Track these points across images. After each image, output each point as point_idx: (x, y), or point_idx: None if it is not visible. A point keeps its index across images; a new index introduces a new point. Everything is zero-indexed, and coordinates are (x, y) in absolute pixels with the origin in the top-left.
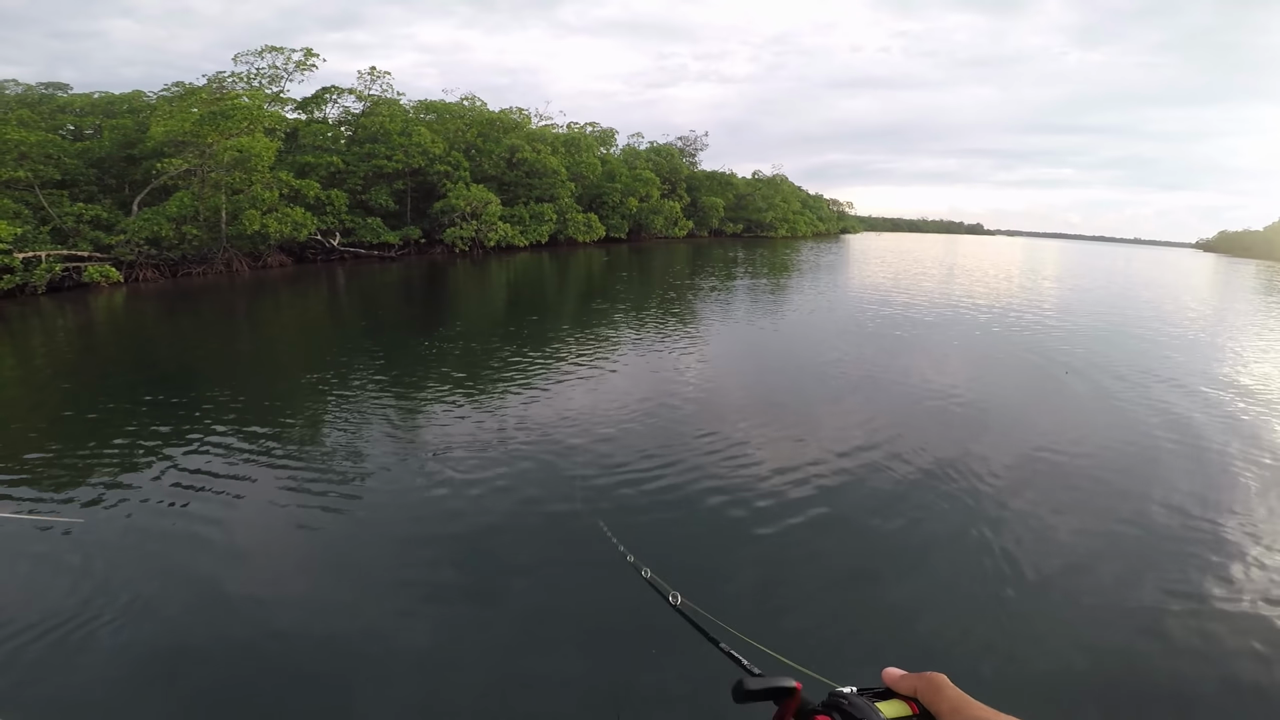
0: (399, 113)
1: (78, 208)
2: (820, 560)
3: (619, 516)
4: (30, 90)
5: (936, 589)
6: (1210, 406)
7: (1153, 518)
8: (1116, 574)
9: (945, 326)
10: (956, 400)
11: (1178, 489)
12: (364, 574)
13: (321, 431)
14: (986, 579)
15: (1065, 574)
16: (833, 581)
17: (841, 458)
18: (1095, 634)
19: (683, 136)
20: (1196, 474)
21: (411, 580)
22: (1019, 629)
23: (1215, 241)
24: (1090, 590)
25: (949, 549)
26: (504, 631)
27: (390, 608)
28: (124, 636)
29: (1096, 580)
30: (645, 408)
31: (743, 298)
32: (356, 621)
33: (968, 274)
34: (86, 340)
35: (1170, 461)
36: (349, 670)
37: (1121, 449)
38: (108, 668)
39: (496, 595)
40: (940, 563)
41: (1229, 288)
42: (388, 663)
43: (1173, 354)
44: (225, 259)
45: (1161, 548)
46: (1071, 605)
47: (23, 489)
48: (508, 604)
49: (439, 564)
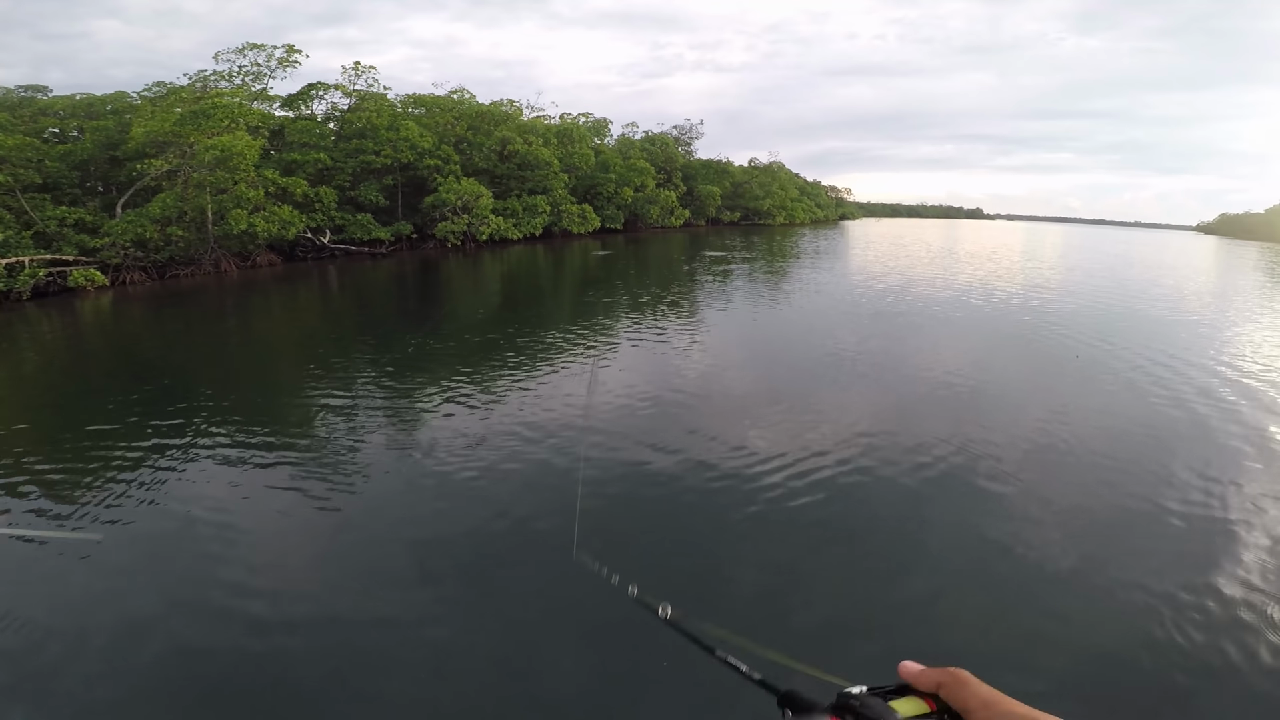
0: (386, 108)
1: (60, 211)
2: (828, 557)
3: (617, 514)
4: (9, 93)
5: (951, 584)
6: (1233, 392)
7: (1174, 507)
8: (1140, 566)
9: (949, 312)
10: (964, 388)
11: (1202, 480)
12: (364, 576)
13: (317, 433)
14: (1004, 573)
15: (1087, 567)
16: (842, 578)
17: (848, 451)
18: (1121, 629)
19: (678, 125)
20: (1221, 464)
21: (409, 582)
22: (1040, 625)
23: (1216, 224)
24: (1113, 584)
25: (963, 543)
26: (501, 633)
27: (392, 608)
28: (132, 641)
29: (1118, 574)
30: (644, 399)
31: (740, 285)
32: (357, 624)
33: (970, 259)
34: (76, 346)
35: (1193, 450)
36: (348, 673)
37: (1139, 435)
38: (115, 670)
39: (494, 596)
40: (954, 557)
41: (1236, 270)
42: (389, 663)
43: (1186, 337)
44: (213, 259)
45: (1184, 540)
46: (1094, 599)
47: (24, 500)
48: (505, 605)
49: (437, 565)
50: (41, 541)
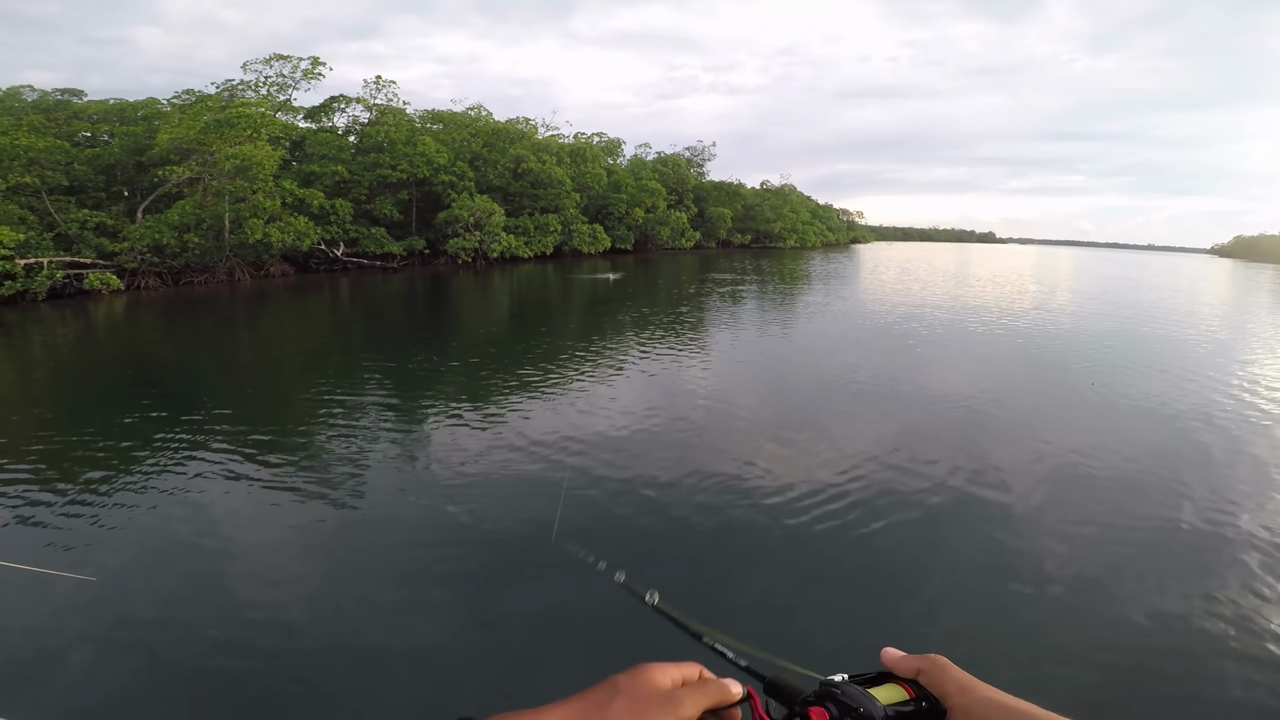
0: (404, 122)
1: (83, 214)
2: (831, 566)
3: (616, 524)
4: (45, 96)
5: (954, 595)
6: (1248, 419)
7: (1178, 527)
8: (1142, 583)
9: (961, 336)
10: (976, 410)
11: (1220, 509)
12: (367, 584)
13: (322, 444)
14: (1007, 587)
15: (1089, 584)
16: (843, 586)
17: (859, 472)
18: (1120, 643)
19: (690, 147)
20: (1241, 493)
21: (410, 590)
22: (1041, 637)
23: (1231, 246)
24: (1114, 600)
25: (967, 556)
26: (501, 638)
27: (393, 616)
28: (133, 646)
29: (1121, 590)
30: (648, 418)
31: (751, 308)
32: (360, 630)
33: (982, 282)
34: (87, 350)
35: (1212, 479)
36: (351, 676)
37: (1156, 463)
38: (115, 674)
39: (491, 603)
40: (959, 569)
41: (1253, 293)
42: (393, 667)
43: (1208, 363)
44: (228, 268)
45: (1187, 557)
46: (1095, 614)
47: (24, 499)
48: (502, 610)
49: (438, 572)
50: (47, 543)
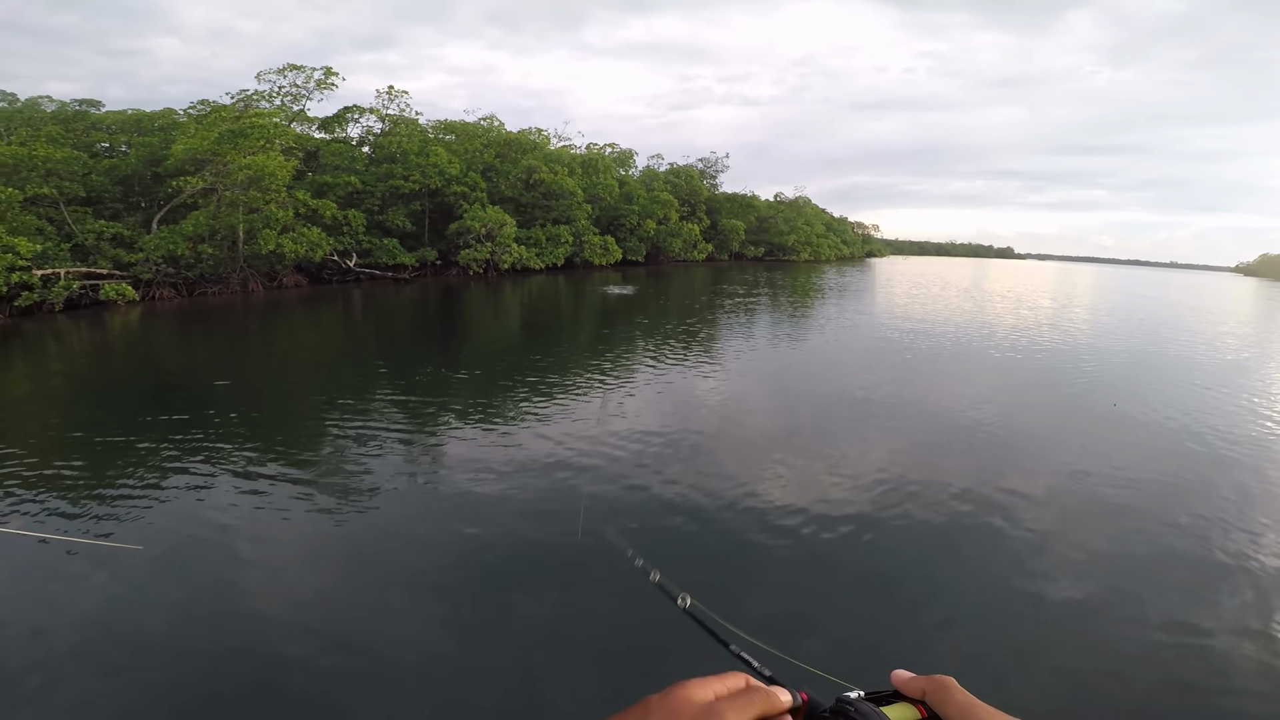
0: (417, 133)
1: (100, 225)
2: (846, 578)
3: (632, 534)
4: (64, 107)
5: (965, 610)
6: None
7: (1197, 551)
8: (1151, 603)
9: (980, 355)
10: (996, 428)
11: (1232, 524)
12: (383, 586)
13: (334, 453)
14: (1018, 603)
15: (1100, 602)
16: (858, 598)
17: (874, 489)
18: (1128, 662)
19: (703, 158)
20: (1256, 510)
21: (428, 592)
22: (1049, 654)
23: (1256, 265)
24: (1123, 619)
25: (979, 572)
26: (514, 640)
27: (411, 617)
28: (147, 648)
29: (1130, 608)
30: (664, 428)
31: (764, 322)
32: (377, 629)
33: (1002, 300)
34: (104, 360)
35: (1224, 497)
36: (368, 675)
37: (1178, 486)
38: (131, 675)
39: (507, 605)
40: (970, 585)
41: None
42: (407, 668)
43: (1227, 383)
44: (241, 278)
45: (1196, 577)
46: (1116, 637)
47: (44, 508)
48: (518, 612)
49: (456, 575)
50: (71, 550)
